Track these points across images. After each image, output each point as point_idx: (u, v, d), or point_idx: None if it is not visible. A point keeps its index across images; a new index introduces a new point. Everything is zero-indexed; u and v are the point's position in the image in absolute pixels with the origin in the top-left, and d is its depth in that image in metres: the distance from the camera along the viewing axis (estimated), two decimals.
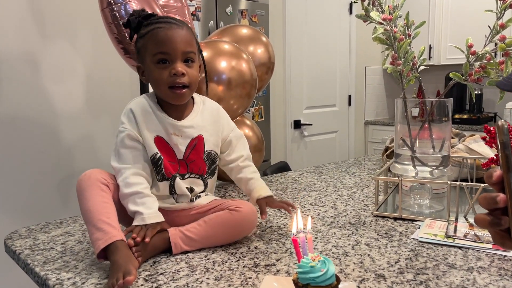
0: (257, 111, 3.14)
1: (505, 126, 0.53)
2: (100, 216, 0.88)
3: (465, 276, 0.81)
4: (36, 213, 2.16)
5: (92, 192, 0.92)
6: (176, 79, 0.97)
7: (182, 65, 0.97)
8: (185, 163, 1.03)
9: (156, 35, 0.96)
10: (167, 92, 0.98)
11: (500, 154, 0.53)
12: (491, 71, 0.96)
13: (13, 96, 2.10)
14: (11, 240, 1.06)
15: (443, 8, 3.82)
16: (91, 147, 2.36)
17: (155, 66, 0.97)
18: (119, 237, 0.85)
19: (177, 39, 0.96)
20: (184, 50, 0.97)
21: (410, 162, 1.20)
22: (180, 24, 0.99)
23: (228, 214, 0.97)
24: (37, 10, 2.14)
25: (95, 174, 0.95)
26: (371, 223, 1.12)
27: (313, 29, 3.61)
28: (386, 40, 1.16)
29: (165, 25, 0.97)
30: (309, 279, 0.65)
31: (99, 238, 0.85)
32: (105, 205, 0.91)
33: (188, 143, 1.03)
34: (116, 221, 0.90)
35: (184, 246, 0.93)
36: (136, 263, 0.83)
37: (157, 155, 1.00)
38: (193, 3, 2.68)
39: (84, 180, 0.94)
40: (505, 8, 0.92)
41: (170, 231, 0.94)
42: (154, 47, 0.96)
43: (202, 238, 0.95)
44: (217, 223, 0.96)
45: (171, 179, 1.02)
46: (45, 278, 0.84)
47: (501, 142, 0.54)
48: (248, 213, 0.97)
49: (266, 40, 1.72)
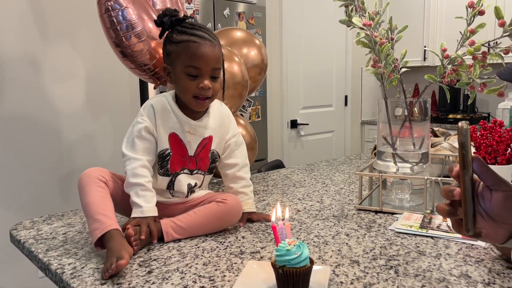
0: (254, 111, 3.22)
1: (464, 128, 0.61)
2: (98, 209, 0.96)
3: (432, 262, 0.88)
4: (39, 207, 2.24)
5: (91, 188, 1.00)
6: (202, 92, 1.05)
7: (209, 80, 1.05)
8: (195, 160, 1.12)
9: (191, 49, 1.02)
10: (191, 100, 1.06)
11: (458, 153, 0.61)
12: (462, 74, 1.03)
13: (16, 96, 2.18)
14: (16, 231, 1.14)
15: (438, 10, 3.88)
16: (91, 146, 2.44)
17: (185, 76, 1.04)
18: (114, 226, 0.93)
19: (210, 58, 1.03)
20: (214, 67, 1.05)
21: (392, 159, 1.28)
22: (214, 41, 1.05)
23: (216, 205, 1.06)
24: (39, 12, 2.22)
25: (95, 172, 1.03)
26: (353, 216, 1.20)
27: (310, 31, 3.68)
28: (369, 43, 1.23)
29: (200, 40, 1.03)
30: (285, 261, 0.73)
31: (96, 228, 0.93)
32: (103, 200, 0.99)
33: (200, 141, 1.12)
34: (112, 213, 0.97)
35: (175, 234, 1.01)
36: (130, 250, 0.90)
37: (166, 151, 1.09)
38: (191, 6, 2.75)
39: (84, 178, 1.02)
40: (474, 15, 0.99)
41: (162, 221, 1.02)
42: (188, 59, 1.03)
43: (191, 227, 1.03)
44: (205, 213, 1.04)
45: (173, 176, 1.10)
46: (48, 264, 0.92)
47: (460, 142, 0.61)
48: (233, 205, 1.07)
49: (259, 42, 1.79)
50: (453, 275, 0.81)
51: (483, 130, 1.30)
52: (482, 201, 0.64)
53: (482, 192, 0.64)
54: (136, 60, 1.33)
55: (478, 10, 0.98)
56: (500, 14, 0.92)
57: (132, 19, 1.29)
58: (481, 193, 0.64)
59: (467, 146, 0.61)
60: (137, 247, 0.95)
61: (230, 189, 1.18)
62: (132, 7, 1.29)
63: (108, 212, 0.96)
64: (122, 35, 1.28)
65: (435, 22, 3.90)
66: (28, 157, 2.23)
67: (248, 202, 1.16)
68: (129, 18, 1.28)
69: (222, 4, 2.95)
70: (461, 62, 1.02)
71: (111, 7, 1.27)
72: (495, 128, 1.27)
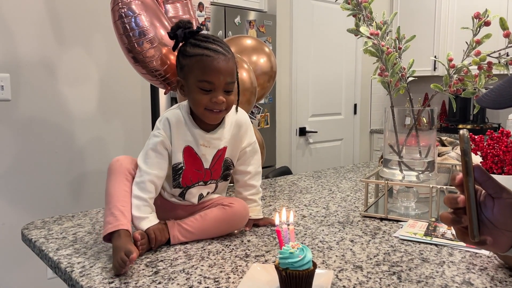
0: (263, 117, 3.24)
1: (465, 135, 0.62)
2: (117, 203, 0.99)
3: (435, 269, 0.88)
4: (51, 208, 2.29)
5: (118, 178, 1.02)
6: (216, 106, 1.03)
7: (223, 94, 1.03)
8: (210, 171, 1.12)
9: (204, 63, 1.01)
10: (204, 112, 1.04)
11: (461, 160, 0.62)
12: (468, 83, 1.04)
13: (31, 99, 2.23)
14: (27, 230, 1.17)
15: (448, 19, 3.89)
16: (102, 149, 2.48)
17: (198, 90, 1.03)
18: (126, 227, 0.96)
19: (223, 72, 1.02)
20: (227, 81, 1.03)
21: (398, 166, 1.29)
22: (227, 55, 1.03)
23: (222, 209, 1.07)
24: (55, 18, 2.28)
25: (126, 162, 1.05)
26: (359, 222, 1.21)
27: (319, 39, 3.71)
28: (376, 52, 1.25)
29: (214, 54, 1.01)
30: (288, 263, 0.74)
31: (110, 222, 0.95)
32: (125, 194, 1.01)
33: (215, 153, 1.11)
34: (129, 211, 1.00)
35: (181, 237, 1.03)
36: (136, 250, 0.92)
37: (179, 165, 1.08)
38: (202, 14, 2.80)
39: (116, 166, 1.04)
40: (480, 25, 1.00)
41: (168, 223, 1.04)
42: (201, 74, 1.01)
43: (198, 230, 1.05)
44: (211, 218, 1.06)
45: (184, 189, 1.11)
46: (58, 262, 0.94)
47: (462, 149, 0.62)
48: (239, 209, 1.08)
49: (269, 50, 1.82)
50: (456, 282, 0.82)
51: (490, 140, 1.30)
52: (485, 210, 0.65)
53: (484, 201, 0.65)
54: (147, 66, 1.36)
55: (484, 21, 0.99)
56: (505, 25, 0.93)
57: (145, 25, 1.32)
58: (483, 201, 0.65)
59: (469, 153, 0.62)
60: (142, 251, 0.97)
61: (239, 194, 1.20)
62: (145, 14, 1.33)
63: (126, 210, 0.99)
64: (135, 41, 1.31)
65: (446, 32, 3.91)
66: (41, 159, 2.27)
67: (256, 208, 1.18)
68: (141, 24, 1.32)
69: (233, 12, 2.99)
70: (467, 72, 1.03)
71: (124, 14, 1.30)
72: (502, 138, 1.28)
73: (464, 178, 0.63)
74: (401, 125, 1.31)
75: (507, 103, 0.57)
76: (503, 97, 0.58)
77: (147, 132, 2.63)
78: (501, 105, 0.58)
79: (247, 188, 1.19)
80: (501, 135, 1.29)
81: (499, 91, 0.60)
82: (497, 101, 0.59)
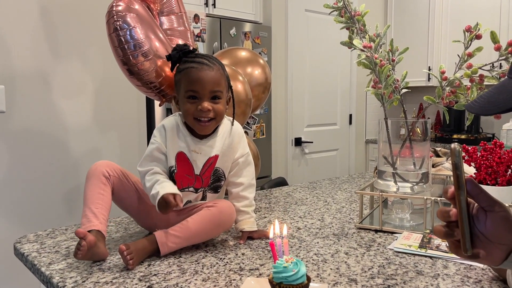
0: (259, 128, 3.25)
1: (457, 149, 0.62)
2: (91, 205, 1.06)
3: (430, 281, 0.88)
4: (44, 220, 2.26)
5: (93, 181, 1.09)
6: (202, 114, 1.10)
7: (209, 103, 1.10)
8: (201, 178, 1.16)
9: (189, 74, 1.10)
10: (194, 122, 1.12)
11: (453, 174, 0.62)
12: (460, 95, 1.05)
13: (26, 111, 2.22)
14: (20, 244, 1.16)
15: (442, 31, 3.93)
16: (98, 161, 2.47)
17: (186, 100, 1.11)
18: (97, 227, 1.02)
19: (206, 80, 1.09)
20: (212, 89, 1.10)
21: (392, 178, 1.29)
22: (211, 65, 1.11)
23: (206, 210, 1.09)
24: (50, 30, 2.28)
25: (101, 165, 1.12)
26: (354, 234, 1.20)
27: (315, 50, 3.73)
28: (369, 65, 1.26)
29: (197, 65, 1.10)
30: (282, 278, 0.74)
31: (83, 224, 1.04)
32: (99, 196, 1.08)
33: (206, 160, 1.15)
34: (102, 212, 1.06)
35: (170, 244, 1.03)
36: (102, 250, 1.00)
37: (171, 168, 1.14)
38: (198, 25, 2.82)
39: (91, 170, 1.12)
40: (471, 39, 1.01)
41: (156, 233, 1.04)
42: (187, 84, 1.10)
43: (186, 235, 1.05)
44: (198, 220, 1.07)
45: None
46: (50, 277, 0.93)
47: (453, 163, 0.62)
48: (223, 207, 1.10)
49: (263, 62, 1.83)
50: None
51: (484, 151, 1.31)
52: (478, 223, 0.64)
53: (477, 214, 0.65)
54: (142, 78, 1.36)
55: (475, 34, 1.01)
56: (496, 38, 0.94)
57: (140, 38, 1.32)
58: (476, 214, 0.65)
59: (460, 167, 0.62)
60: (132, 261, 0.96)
61: None
62: (140, 27, 1.33)
63: (98, 211, 1.05)
64: (130, 53, 1.32)
65: (439, 43, 3.94)
66: (35, 172, 2.26)
67: (249, 221, 1.17)
68: (136, 37, 1.32)
69: (228, 23, 3.01)
70: (459, 84, 1.04)
71: (119, 26, 1.31)
72: (495, 149, 1.28)
73: (456, 191, 0.63)
74: (395, 136, 1.32)
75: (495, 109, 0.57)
76: (492, 104, 0.59)
77: (143, 144, 2.63)
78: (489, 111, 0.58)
79: (239, 199, 1.19)
80: (494, 146, 1.29)
81: (487, 97, 0.60)
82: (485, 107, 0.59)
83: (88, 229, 1.01)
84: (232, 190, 1.20)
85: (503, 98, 0.57)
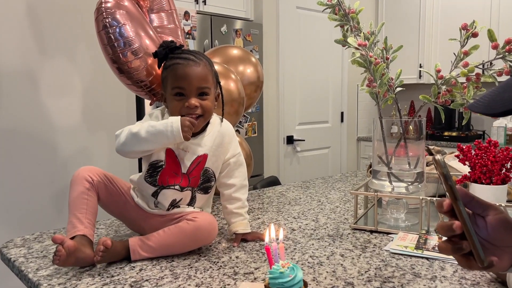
0: (250, 126, 3.22)
1: (441, 160, 0.58)
2: (75, 210, 1.04)
3: (428, 284, 0.87)
4: (31, 223, 2.22)
5: (76, 187, 1.06)
6: (190, 111, 1.07)
7: (196, 99, 1.08)
8: (188, 177, 1.12)
9: (175, 71, 1.07)
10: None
11: (445, 186, 0.58)
12: (457, 94, 1.04)
13: (12, 110, 2.17)
14: (6, 249, 1.12)
15: (433, 28, 3.93)
16: (87, 161, 2.42)
17: (173, 97, 1.09)
18: (81, 232, 1.00)
19: (192, 76, 1.07)
20: (199, 85, 1.08)
21: (387, 178, 1.27)
22: (197, 61, 1.08)
23: (185, 223, 1.04)
24: (38, 28, 2.23)
25: (84, 172, 1.09)
26: (349, 235, 1.19)
27: (306, 48, 3.72)
28: (364, 63, 1.24)
29: (183, 61, 1.07)
30: (278, 284, 0.72)
31: (69, 230, 1.02)
32: (83, 201, 1.05)
33: (194, 159, 1.11)
34: (88, 216, 1.03)
35: (142, 252, 1.01)
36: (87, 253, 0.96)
37: (160, 163, 1.10)
38: (188, 22, 2.78)
39: (74, 176, 1.09)
40: (467, 37, 1.00)
41: (130, 239, 1.02)
42: (173, 81, 1.08)
43: (161, 246, 1.02)
44: (174, 232, 1.03)
45: (159, 188, 1.10)
46: (37, 284, 0.90)
47: (442, 174, 0.58)
48: (202, 223, 1.03)
49: (255, 60, 1.80)
50: None
51: (478, 150, 1.30)
52: (479, 231, 0.61)
53: (475, 221, 0.62)
54: (132, 77, 1.33)
55: (471, 32, 0.99)
56: (493, 37, 0.93)
57: (130, 36, 1.29)
58: (475, 222, 0.62)
59: (451, 177, 0.58)
60: (100, 258, 0.95)
61: (225, 209, 1.18)
62: (130, 24, 1.30)
63: (83, 216, 1.03)
64: (119, 51, 1.28)
65: (430, 40, 3.95)
66: (22, 172, 2.21)
67: (243, 223, 1.15)
68: (126, 35, 1.29)
69: (219, 21, 2.98)
70: (455, 83, 1.03)
71: (108, 24, 1.27)
72: (490, 148, 1.27)
73: (454, 203, 0.59)
74: (387, 135, 1.30)
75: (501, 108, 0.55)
76: (496, 102, 0.56)
77: None
78: (494, 110, 0.56)
79: (232, 201, 1.16)
80: (489, 145, 1.29)
81: (492, 96, 0.58)
82: (491, 106, 0.57)
83: (73, 235, 0.98)
84: (224, 191, 1.18)
85: (509, 96, 0.55)
